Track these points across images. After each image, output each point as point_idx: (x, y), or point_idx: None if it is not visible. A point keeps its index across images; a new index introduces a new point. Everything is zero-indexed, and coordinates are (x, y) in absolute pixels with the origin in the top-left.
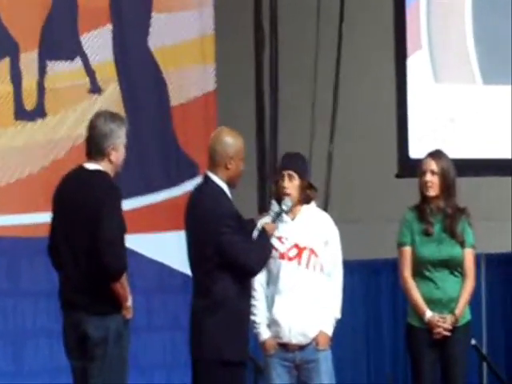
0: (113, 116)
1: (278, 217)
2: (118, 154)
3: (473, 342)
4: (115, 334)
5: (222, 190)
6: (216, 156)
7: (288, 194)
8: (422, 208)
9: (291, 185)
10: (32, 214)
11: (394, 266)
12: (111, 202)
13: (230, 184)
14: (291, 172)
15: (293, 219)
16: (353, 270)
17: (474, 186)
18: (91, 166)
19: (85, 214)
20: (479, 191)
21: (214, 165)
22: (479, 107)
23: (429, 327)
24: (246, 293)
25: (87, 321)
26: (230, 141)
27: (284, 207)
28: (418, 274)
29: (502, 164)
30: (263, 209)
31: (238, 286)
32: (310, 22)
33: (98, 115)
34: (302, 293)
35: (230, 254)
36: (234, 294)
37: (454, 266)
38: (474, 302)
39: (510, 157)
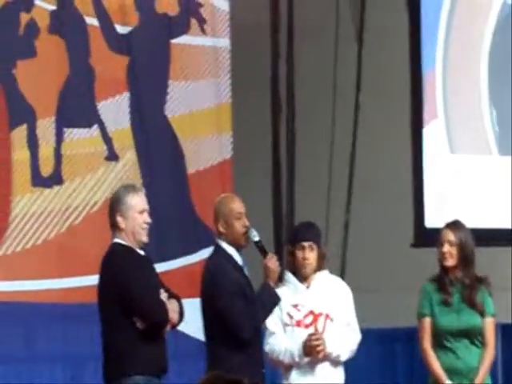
0: (122, 186)
1: (260, 248)
2: (127, 221)
3: None
4: None
5: (229, 256)
6: (216, 225)
7: (308, 265)
8: (441, 278)
9: (312, 255)
10: (47, 280)
11: (409, 334)
12: (125, 272)
13: (236, 246)
14: (311, 243)
15: (308, 287)
16: (369, 339)
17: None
18: (115, 239)
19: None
20: (496, 261)
21: (218, 232)
22: (495, 177)
23: None
24: (253, 361)
25: None
26: (220, 206)
27: (255, 238)
28: (437, 344)
29: None
30: (280, 275)
31: (244, 353)
32: (327, 90)
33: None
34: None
35: (224, 322)
36: (239, 363)
37: (473, 336)
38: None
39: None
